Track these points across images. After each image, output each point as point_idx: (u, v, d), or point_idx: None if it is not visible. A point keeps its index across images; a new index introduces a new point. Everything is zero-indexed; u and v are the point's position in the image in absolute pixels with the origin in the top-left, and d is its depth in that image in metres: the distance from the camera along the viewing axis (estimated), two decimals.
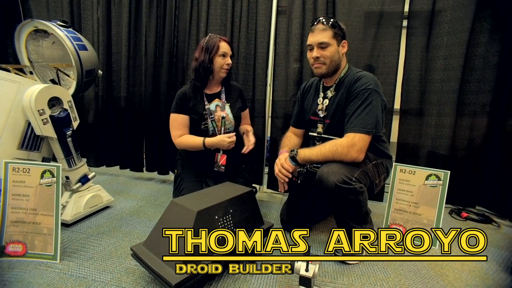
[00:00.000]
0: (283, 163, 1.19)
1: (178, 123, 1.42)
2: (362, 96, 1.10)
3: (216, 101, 1.47)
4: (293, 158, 1.16)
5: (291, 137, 1.45)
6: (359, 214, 1.09)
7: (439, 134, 1.67)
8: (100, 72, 1.55)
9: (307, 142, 1.41)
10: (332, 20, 1.15)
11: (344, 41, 1.20)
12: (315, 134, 1.30)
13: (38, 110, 1.20)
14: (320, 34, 1.14)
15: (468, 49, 1.56)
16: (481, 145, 1.63)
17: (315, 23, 1.17)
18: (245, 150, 1.41)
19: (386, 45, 1.69)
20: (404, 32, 1.68)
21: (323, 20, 1.15)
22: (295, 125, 1.45)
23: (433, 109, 1.67)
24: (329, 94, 1.24)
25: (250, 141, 1.42)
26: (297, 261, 0.83)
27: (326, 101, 1.24)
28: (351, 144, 1.07)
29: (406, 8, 1.66)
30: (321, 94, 1.28)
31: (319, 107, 1.27)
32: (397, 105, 1.75)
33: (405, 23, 1.68)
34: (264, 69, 1.84)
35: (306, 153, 1.14)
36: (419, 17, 1.65)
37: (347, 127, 1.11)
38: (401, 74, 1.71)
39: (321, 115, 1.27)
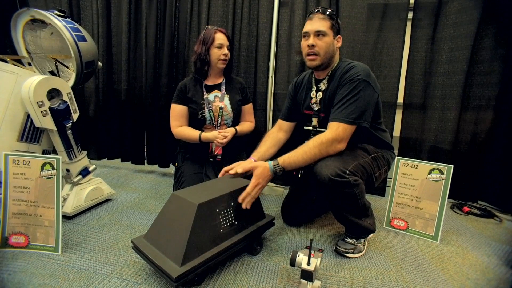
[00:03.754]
0: (260, 182, 1.03)
1: (176, 113, 1.47)
2: (350, 86, 1.08)
3: (215, 92, 1.48)
4: (276, 172, 1.05)
5: (272, 137, 1.35)
6: (356, 207, 1.09)
7: (443, 128, 1.65)
8: (100, 64, 1.53)
9: (299, 136, 1.37)
10: (330, 10, 1.14)
11: (339, 36, 1.17)
12: (310, 128, 1.28)
13: (37, 102, 1.18)
14: (318, 22, 1.11)
15: (476, 40, 1.53)
16: (485, 139, 1.61)
17: (314, 12, 1.15)
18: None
19: (390, 37, 1.66)
20: (409, 24, 1.64)
21: (322, 10, 1.14)
22: (285, 118, 1.39)
23: (437, 102, 1.65)
24: (322, 86, 1.22)
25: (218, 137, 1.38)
26: (299, 254, 0.83)
27: (320, 94, 1.22)
28: (335, 136, 1.05)
29: (412, 0, 1.62)
30: (314, 88, 1.25)
31: (313, 100, 1.25)
32: (400, 98, 1.73)
33: (410, 15, 1.64)
34: (265, 61, 1.81)
35: (291, 160, 1.04)
36: (425, 8, 1.62)
37: (331, 116, 1.10)
38: (405, 67, 1.69)
39: (316, 109, 1.25)
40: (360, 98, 1.06)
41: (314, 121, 1.26)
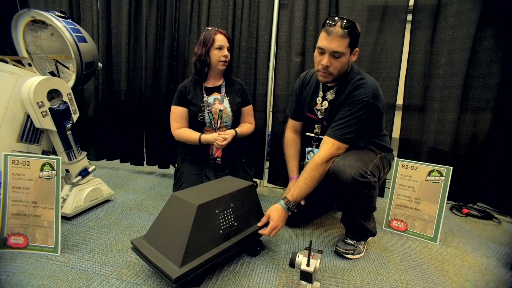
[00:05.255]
0: (278, 224, 1.07)
1: (176, 115, 1.46)
2: (355, 106, 1.08)
3: (215, 94, 1.48)
4: (289, 208, 1.09)
5: (294, 144, 1.39)
6: (368, 208, 1.10)
7: (442, 130, 1.66)
8: (100, 64, 1.53)
9: (303, 141, 1.39)
10: (350, 24, 1.00)
11: (356, 49, 1.08)
12: (312, 135, 1.29)
13: (37, 103, 1.18)
14: (336, 42, 1.01)
15: (475, 42, 1.54)
16: (484, 141, 1.62)
17: (333, 23, 1.00)
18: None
19: (390, 39, 1.67)
20: (408, 26, 1.65)
21: (342, 23, 0.99)
22: (294, 117, 1.40)
23: (436, 104, 1.66)
24: (329, 96, 1.20)
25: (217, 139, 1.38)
26: (298, 255, 0.83)
27: (326, 103, 1.21)
28: (329, 154, 1.08)
29: (411, 2, 1.63)
30: (321, 93, 1.24)
31: (318, 107, 1.24)
32: (399, 100, 1.74)
33: (409, 17, 1.65)
34: (265, 62, 1.82)
35: (297, 192, 1.08)
36: (424, 10, 1.63)
37: (329, 130, 1.12)
38: (405, 68, 1.69)
39: (320, 116, 1.24)
40: (361, 120, 1.07)
41: (317, 128, 1.27)
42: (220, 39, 1.41)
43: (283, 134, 1.59)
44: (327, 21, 1.03)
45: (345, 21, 1.01)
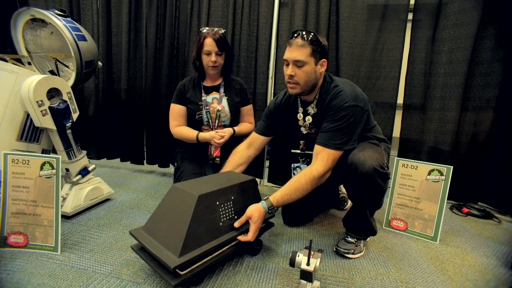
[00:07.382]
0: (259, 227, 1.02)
1: (175, 113, 1.47)
2: (339, 113, 1.07)
3: (213, 94, 1.48)
4: (271, 212, 1.05)
5: (239, 156, 1.31)
6: (378, 202, 1.11)
7: (442, 129, 1.66)
8: (100, 63, 1.52)
9: (294, 141, 1.36)
10: (311, 35, 1.06)
11: (323, 60, 1.10)
12: (299, 151, 1.29)
13: (37, 101, 1.18)
14: (297, 51, 1.06)
15: (476, 41, 1.53)
16: (484, 140, 1.61)
17: (294, 36, 1.08)
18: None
19: (390, 38, 1.66)
20: (409, 25, 1.65)
21: (302, 34, 1.06)
22: (262, 133, 1.33)
23: (437, 103, 1.66)
24: (311, 110, 1.20)
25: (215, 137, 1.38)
26: (298, 254, 0.83)
27: (309, 118, 1.21)
28: (327, 168, 1.07)
29: (412, 1, 1.63)
30: (301, 109, 1.24)
31: (300, 123, 1.25)
32: (400, 99, 1.74)
33: (410, 16, 1.65)
34: (266, 61, 1.81)
35: (285, 199, 1.05)
36: (425, 9, 1.62)
37: (321, 141, 1.10)
38: (405, 67, 1.69)
39: (304, 132, 1.25)
40: (348, 125, 1.07)
41: (302, 144, 1.28)
42: (208, 44, 1.37)
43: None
44: (291, 36, 1.10)
45: (305, 32, 1.06)
